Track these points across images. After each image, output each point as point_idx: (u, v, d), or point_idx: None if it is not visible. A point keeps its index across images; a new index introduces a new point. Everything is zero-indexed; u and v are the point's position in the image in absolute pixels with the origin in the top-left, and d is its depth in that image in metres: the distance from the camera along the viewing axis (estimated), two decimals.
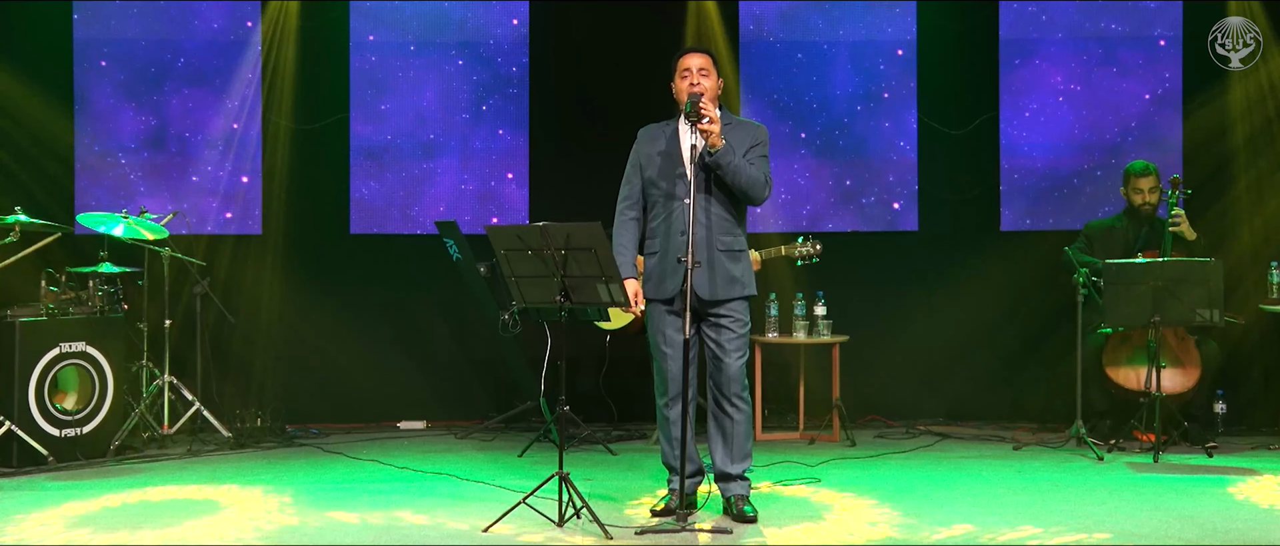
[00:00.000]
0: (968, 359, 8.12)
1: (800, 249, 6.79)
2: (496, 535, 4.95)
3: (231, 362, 7.73)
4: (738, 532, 5.00)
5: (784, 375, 7.81)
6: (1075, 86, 8.04)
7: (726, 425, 5.24)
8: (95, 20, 7.94)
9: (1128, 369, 7.04)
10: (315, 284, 8.07)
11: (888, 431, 7.57)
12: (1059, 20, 8.03)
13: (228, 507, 5.49)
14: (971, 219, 8.08)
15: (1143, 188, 7.22)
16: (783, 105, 8.09)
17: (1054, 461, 6.59)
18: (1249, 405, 7.69)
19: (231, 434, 7.12)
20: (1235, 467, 6.38)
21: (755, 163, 5.18)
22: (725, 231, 5.18)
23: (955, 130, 8.07)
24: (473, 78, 8.10)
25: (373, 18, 8.05)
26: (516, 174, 8.11)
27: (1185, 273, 6.47)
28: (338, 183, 8.07)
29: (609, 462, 6.64)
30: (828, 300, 7.34)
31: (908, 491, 5.85)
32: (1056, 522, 5.15)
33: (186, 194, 7.98)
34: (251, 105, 8.01)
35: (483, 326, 7.85)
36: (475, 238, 7.42)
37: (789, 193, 8.05)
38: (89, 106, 7.95)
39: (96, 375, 6.63)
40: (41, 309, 6.51)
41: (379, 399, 8.06)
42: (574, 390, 7.22)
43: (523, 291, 5.19)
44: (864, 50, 8.09)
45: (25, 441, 6.28)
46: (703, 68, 5.21)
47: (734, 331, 5.18)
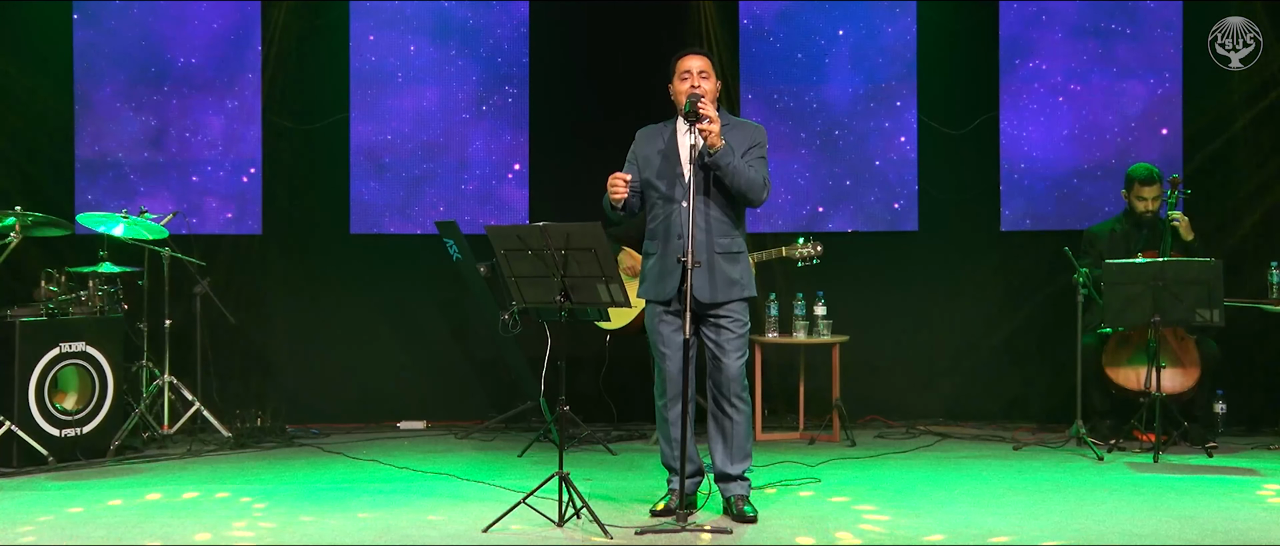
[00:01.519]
0: (968, 359, 8.12)
1: (801, 250, 6.79)
2: (496, 535, 4.95)
3: (231, 362, 7.74)
4: (738, 532, 5.00)
5: (784, 375, 7.81)
6: (1075, 86, 8.03)
7: (726, 425, 5.23)
8: (95, 20, 7.94)
9: (1128, 369, 7.04)
10: (315, 284, 8.09)
11: (888, 431, 7.57)
12: (1059, 20, 8.03)
13: (227, 507, 5.48)
14: (971, 219, 8.08)
15: (1146, 196, 7.18)
16: (782, 105, 8.09)
17: (1054, 461, 6.58)
18: (1249, 405, 7.69)
19: (231, 434, 7.12)
20: (1235, 467, 6.38)
21: (754, 164, 5.17)
22: (723, 233, 5.17)
23: (955, 130, 8.06)
24: (473, 78, 8.11)
25: (373, 18, 8.05)
26: (516, 174, 8.11)
27: (1185, 273, 6.46)
28: (338, 183, 8.07)
29: (609, 462, 6.64)
30: (828, 300, 7.33)
31: (908, 491, 5.85)
32: (1056, 522, 5.15)
33: (186, 194, 7.98)
34: (251, 105, 8.02)
35: (483, 326, 7.86)
36: (475, 237, 7.42)
37: (789, 193, 8.05)
38: (89, 106, 7.95)
39: (96, 375, 6.63)
40: (41, 309, 6.51)
41: (379, 399, 8.06)
42: (574, 390, 7.19)
43: (523, 291, 5.19)
44: (864, 50, 8.08)
45: (25, 441, 6.28)
46: (703, 70, 5.20)
47: (734, 332, 5.18)
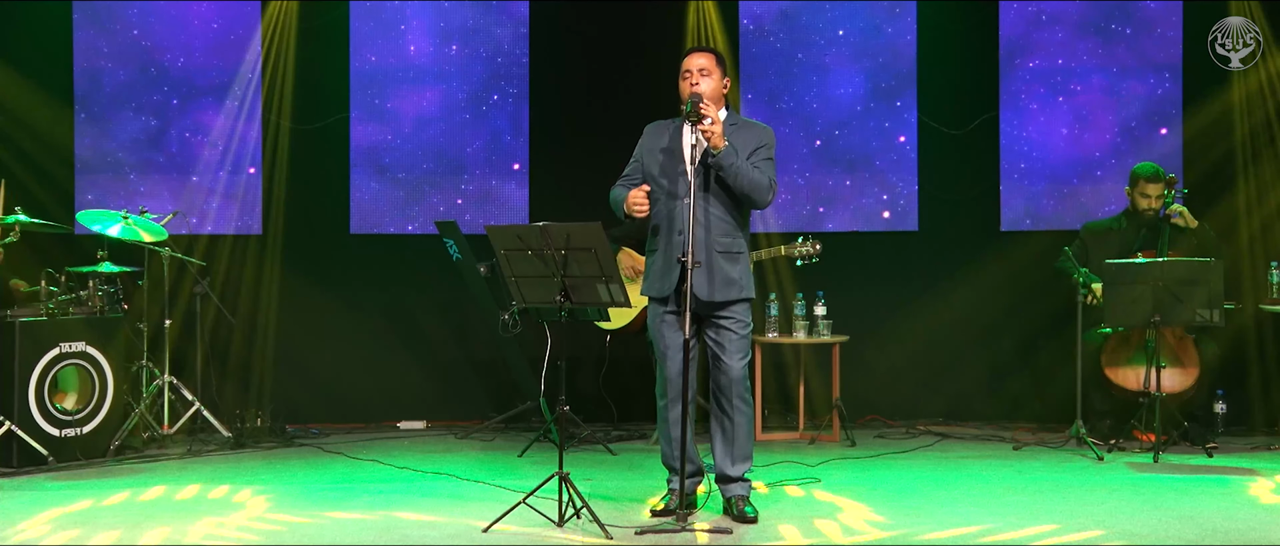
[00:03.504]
0: (968, 359, 8.12)
1: (800, 248, 6.78)
2: (496, 535, 4.95)
3: (231, 362, 7.74)
4: (738, 533, 5.00)
5: (784, 375, 7.81)
6: (1075, 86, 8.03)
7: (727, 426, 5.23)
8: (95, 20, 7.94)
9: (1127, 369, 7.04)
10: (315, 284, 8.08)
11: (888, 431, 7.57)
12: (1059, 20, 8.03)
13: (227, 507, 5.48)
14: (971, 219, 8.08)
15: (1150, 194, 7.17)
16: (783, 105, 8.09)
17: (1054, 461, 6.58)
18: (1249, 405, 7.69)
19: (231, 434, 7.12)
20: (1235, 467, 6.38)
21: (759, 166, 5.15)
22: (724, 233, 5.16)
23: (955, 130, 8.06)
24: (473, 77, 8.10)
25: (373, 17, 8.05)
26: (517, 174, 8.11)
27: (1185, 273, 6.46)
28: (338, 183, 8.07)
29: (609, 462, 6.64)
30: (828, 300, 7.33)
31: (908, 491, 5.85)
32: (1056, 522, 5.15)
33: (186, 194, 7.98)
34: (251, 105, 8.01)
35: (483, 326, 7.85)
36: (475, 237, 7.42)
37: (789, 192, 8.04)
38: (89, 106, 7.95)
39: (96, 375, 6.63)
40: (41, 309, 6.51)
41: (379, 399, 8.06)
42: (574, 390, 7.21)
43: (523, 291, 5.19)
44: (864, 50, 8.08)
45: (25, 441, 6.28)
46: (704, 68, 5.19)
47: (736, 333, 5.17)
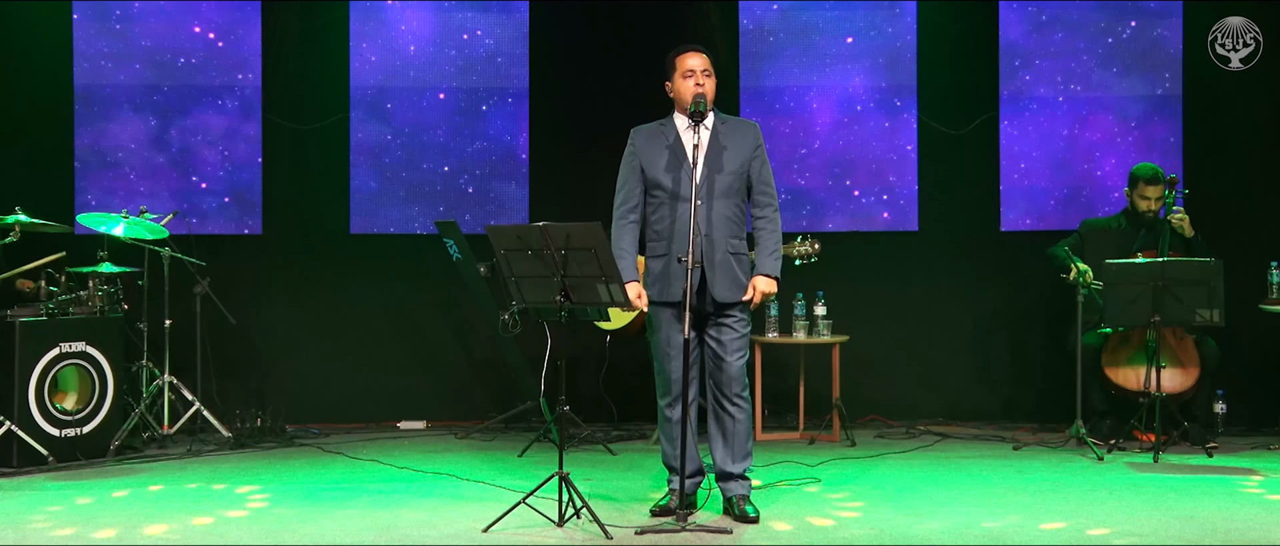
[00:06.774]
0: (967, 359, 8.12)
1: (799, 248, 6.78)
2: (496, 535, 4.95)
3: (231, 362, 7.74)
4: (738, 532, 5.00)
5: (784, 375, 7.81)
6: (1075, 86, 8.04)
7: (727, 425, 5.23)
8: (95, 20, 7.94)
9: (1127, 369, 7.04)
10: (315, 284, 8.08)
11: (888, 431, 7.57)
12: (1059, 20, 8.03)
13: (227, 507, 5.48)
14: (971, 219, 8.08)
15: (1150, 195, 7.17)
16: (782, 105, 8.09)
17: (1054, 461, 6.59)
18: (1249, 405, 7.69)
19: (231, 434, 7.12)
20: (1235, 467, 6.38)
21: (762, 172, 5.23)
22: (732, 234, 5.18)
23: (955, 130, 8.07)
24: (473, 77, 8.10)
25: (372, 17, 8.05)
26: (516, 174, 8.11)
27: (1185, 273, 6.46)
28: (338, 183, 8.07)
29: (609, 462, 6.64)
30: (828, 300, 7.33)
31: (908, 491, 5.85)
32: (1056, 522, 5.15)
33: (186, 194, 7.98)
34: (251, 105, 8.02)
35: (483, 326, 7.86)
36: (475, 237, 7.42)
37: (789, 193, 8.04)
38: (89, 106, 7.95)
39: (96, 375, 6.63)
40: (41, 309, 6.51)
41: (379, 399, 8.06)
42: (574, 390, 7.21)
43: (523, 291, 5.19)
44: (864, 50, 8.09)
45: (25, 441, 6.28)
46: (706, 68, 5.21)
47: (737, 331, 5.18)
